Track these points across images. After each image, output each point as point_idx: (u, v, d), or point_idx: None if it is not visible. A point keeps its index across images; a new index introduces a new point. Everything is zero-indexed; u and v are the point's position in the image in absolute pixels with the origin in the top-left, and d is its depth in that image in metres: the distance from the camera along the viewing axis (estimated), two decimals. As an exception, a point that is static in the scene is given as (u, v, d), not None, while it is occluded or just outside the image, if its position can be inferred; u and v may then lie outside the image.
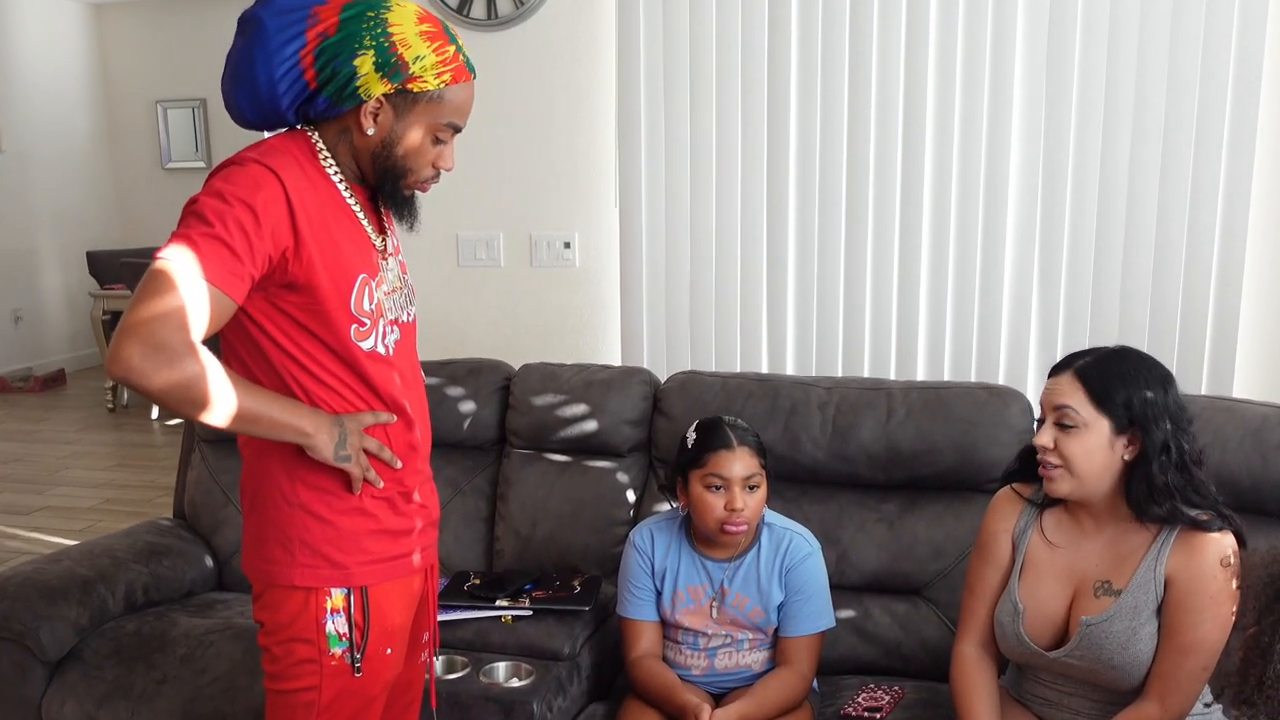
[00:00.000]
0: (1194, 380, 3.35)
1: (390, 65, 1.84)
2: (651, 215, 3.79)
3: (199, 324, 1.72)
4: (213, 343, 1.78)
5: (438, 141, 1.95)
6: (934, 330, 3.62)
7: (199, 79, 9.81)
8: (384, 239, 2.01)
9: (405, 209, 2.01)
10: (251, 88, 1.88)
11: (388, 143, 1.91)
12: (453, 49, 1.90)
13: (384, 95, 1.87)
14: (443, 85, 1.89)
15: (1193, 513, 2.11)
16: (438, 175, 2.00)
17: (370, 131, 1.89)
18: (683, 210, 3.76)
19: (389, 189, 1.96)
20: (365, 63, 1.84)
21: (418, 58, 1.86)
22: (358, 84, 1.85)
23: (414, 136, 1.91)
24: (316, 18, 1.85)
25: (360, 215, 1.96)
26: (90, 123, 10.29)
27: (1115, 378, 2.12)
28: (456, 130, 1.97)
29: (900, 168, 3.54)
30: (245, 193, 1.77)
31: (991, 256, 3.51)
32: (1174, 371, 2.21)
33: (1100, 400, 2.12)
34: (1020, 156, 3.46)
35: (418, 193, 2.02)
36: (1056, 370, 2.22)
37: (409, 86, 1.87)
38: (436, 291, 4.03)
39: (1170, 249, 3.34)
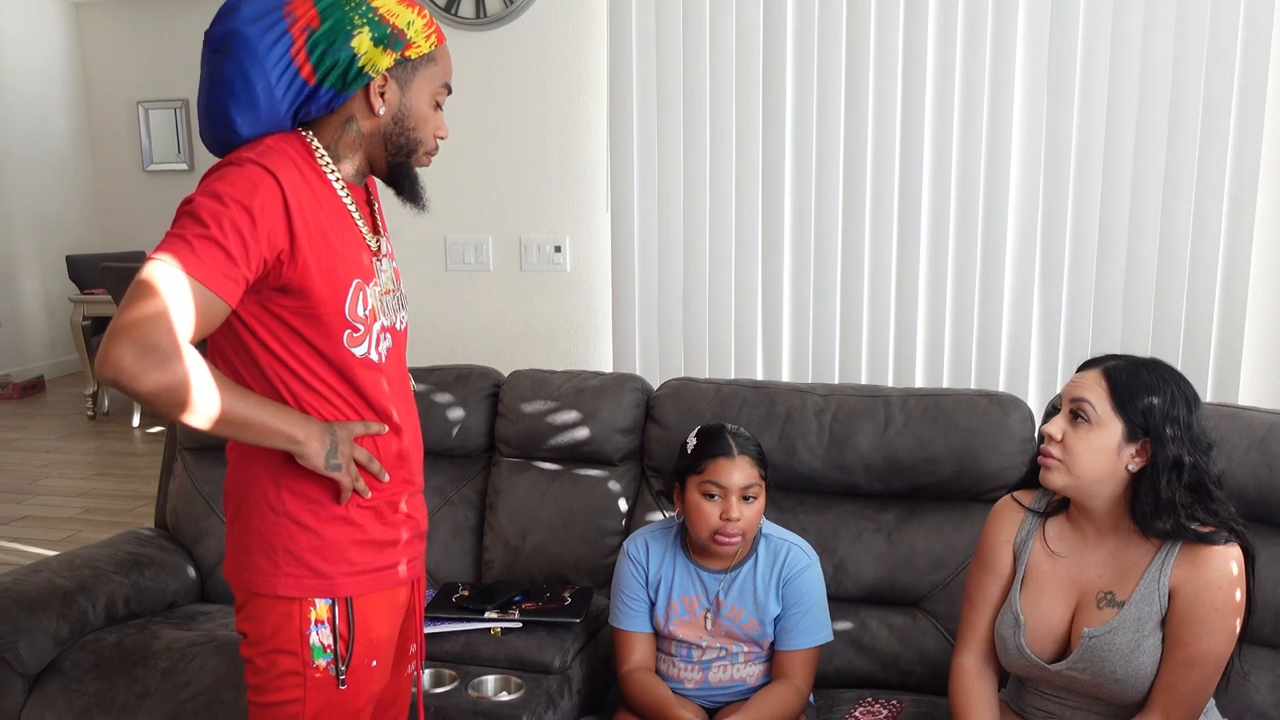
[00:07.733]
0: (1198, 387, 3.32)
1: (389, 37, 1.89)
2: (644, 218, 3.79)
3: (190, 326, 1.73)
4: (200, 346, 1.79)
5: (437, 107, 2.01)
6: (933, 336, 3.62)
7: (181, 79, 9.84)
8: (378, 240, 2.04)
9: (416, 188, 2.06)
10: (250, 102, 1.88)
11: (399, 118, 1.96)
12: (427, 10, 1.98)
13: (387, 71, 1.91)
14: (433, 46, 1.97)
15: (1196, 527, 2.11)
16: (437, 146, 2.05)
17: (381, 111, 1.94)
18: (676, 213, 3.76)
19: (404, 168, 2.01)
20: (363, 41, 1.87)
21: (409, 24, 1.92)
22: (361, 64, 1.88)
23: (420, 105, 1.98)
24: (293, 14, 1.86)
25: (356, 216, 1.98)
26: (70, 124, 10.28)
27: (1141, 384, 2.14)
28: (449, 92, 2.04)
29: (898, 168, 3.55)
30: (242, 194, 1.78)
31: (992, 259, 3.51)
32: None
33: (1120, 402, 2.13)
34: (1021, 156, 3.46)
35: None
36: (1085, 366, 2.24)
37: (408, 54, 1.92)
38: (424, 296, 4.03)
39: (1174, 251, 3.34)
